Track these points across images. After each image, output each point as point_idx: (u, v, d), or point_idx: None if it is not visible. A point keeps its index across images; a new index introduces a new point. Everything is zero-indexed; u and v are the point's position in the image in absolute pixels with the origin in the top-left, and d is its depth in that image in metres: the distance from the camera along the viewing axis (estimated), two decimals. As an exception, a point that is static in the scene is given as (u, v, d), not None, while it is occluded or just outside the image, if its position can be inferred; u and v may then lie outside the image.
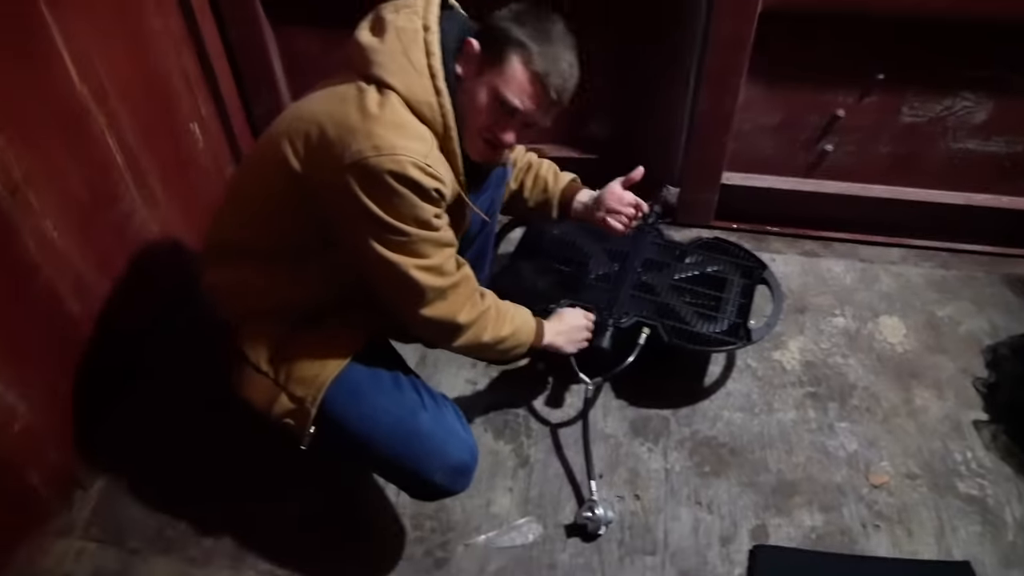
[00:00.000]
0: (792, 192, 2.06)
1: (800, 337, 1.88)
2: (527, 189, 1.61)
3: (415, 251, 1.16)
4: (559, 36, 1.17)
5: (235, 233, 1.31)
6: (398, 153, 1.07)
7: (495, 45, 1.16)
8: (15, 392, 1.39)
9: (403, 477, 1.32)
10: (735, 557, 1.46)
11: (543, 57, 1.15)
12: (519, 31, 1.15)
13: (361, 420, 1.26)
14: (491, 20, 1.19)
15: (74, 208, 1.53)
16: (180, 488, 1.58)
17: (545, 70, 1.15)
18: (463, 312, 1.27)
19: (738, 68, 1.79)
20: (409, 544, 1.49)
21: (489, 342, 1.33)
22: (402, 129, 1.10)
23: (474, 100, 1.18)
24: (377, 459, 1.30)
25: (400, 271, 1.16)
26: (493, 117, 1.19)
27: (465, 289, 1.27)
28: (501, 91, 1.16)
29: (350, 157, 1.08)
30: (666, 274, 1.75)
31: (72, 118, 1.52)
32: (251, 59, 2.02)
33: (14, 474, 1.43)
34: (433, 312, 1.23)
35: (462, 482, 1.31)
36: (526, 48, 1.14)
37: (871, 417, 1.70)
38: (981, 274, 2.04)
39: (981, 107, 1.85)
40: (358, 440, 1.27)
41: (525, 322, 1.42)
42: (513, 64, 1.15)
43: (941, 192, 2.01)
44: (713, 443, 1.65)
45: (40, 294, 1.46)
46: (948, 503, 1.54)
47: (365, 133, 1.08)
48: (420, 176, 1.09)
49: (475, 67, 1.18)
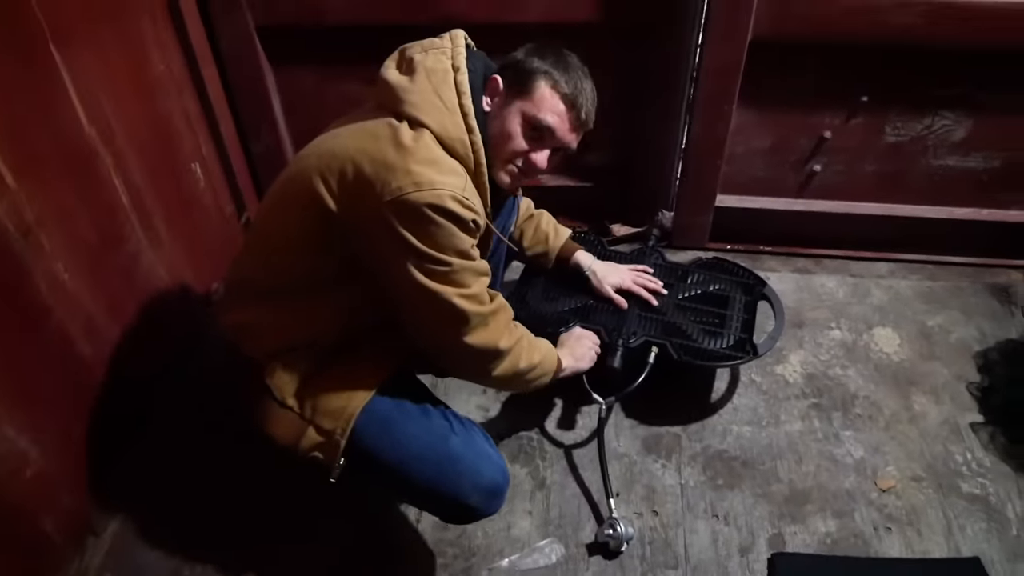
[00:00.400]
0: (784, 212, 2.13)
1: (800, 351, 1.93)
2: (527, 239, 1.70)
3: (457, 280, 1.18)
4: (578, 65, 1.25)
5: (259, 271, 1.32)
6: (437, 188, 1.11)
7: (522, 77, 1.23)
8: (27, 437, 1.37)
9: (438, 502, 1.32)
10: (755, 566, 1.49)
11: (569, 81, 1.23)
12: (543, 63, 1.22)
13: (393, 449, 1.27)
14: (511, 58, 1.26)
15: (83, 250, 1.53)
16: (194, 531, 1.57)
17: (573, 92, 1.23)
18: (504, 338, 1.29)
19: (730, 95, 1.87)
20: (434, 573, 1.49)
21: (524, 368, 1.35)
22: (438, 165, 1.14)
23: (505, 128, 1.24)
24: (411, 486, 1.30)
25: (444, 299, 1.18)
26: (526, 142, 1.25)
27: (504, 317, 1.31)
28: (533, 113, 1.23)
29: (390, 194, 1.10)
30: (670, 294, 1.79)
31: (81, 159, 1.53)
32: (251, 99, 2.05)
33: (27, 521, 1.41)
34: (476, 339, 1.24)
35: (496, 504, 1.32)
36: (552, 74, 1.22)
37: (874, 424, 1.75)
38: (966, 284, 2.12)
39: (959, 125, 1.94)
40: (390, 469, 1.28)
41: (549, 350, 1.45)
42: (542, 89, 1.22)
43: (925, 207, 2.10)
44: (725, 457, 1.69)
45: (52, 337, 1.45)
46: (953, 503, 1.59)
47: (404, 170, 1.11)
48: (459, 208, 1.12)
49: (502, 99, 1.25)
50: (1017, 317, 2.00)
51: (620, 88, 1.95)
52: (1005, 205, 2.09)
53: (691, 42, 1.85)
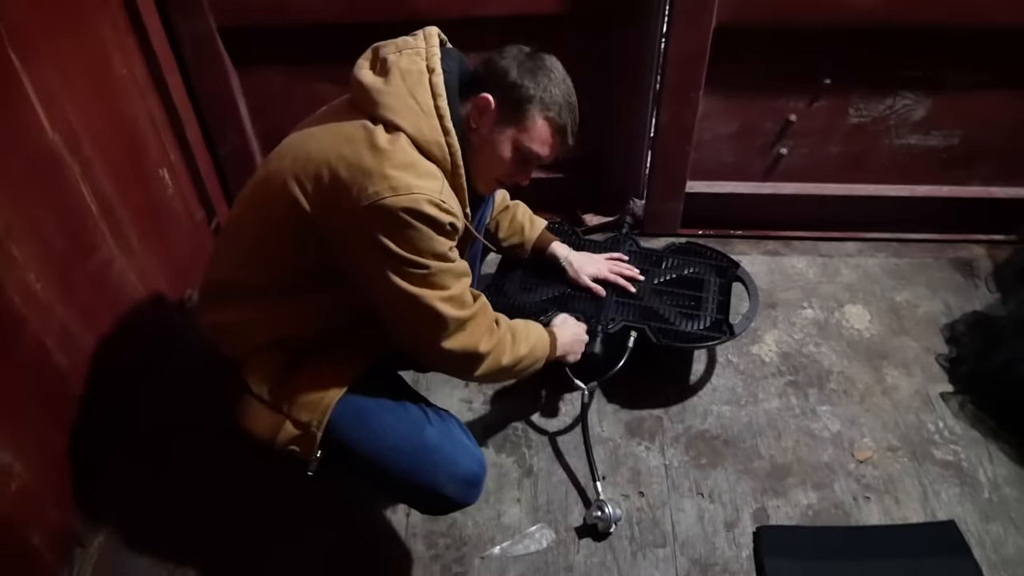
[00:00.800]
0: (752, 196, 2.17)
1: (774, 331, 1.97)
2: (503, 230, 1.71)
3: (436, 283, 1.18)
4: (563, 79, 1.25)
5: (235, 272, 1.31)
6: (414, 192, 1.11)
7: (515, 102, 1.22)
8: (9, 450, 1.35)
9: (414, 493, 1.33)
10: (741, 540, 1.52)
11: (562, 111, 1.24)
12: (535, 88, 1.22)
13: (368, 439, 1.27)
14: (502, 73, 1.23)
15: (54, 259, 1.50)
16: (181, 538, 1.56)
17: (564, 122, 1.25)
18: (483, 341, 1.29)
19: (696, 82, 1.89)
20: (426, 563, 1.50)
21: (509, 365, 1.35)
22: (415, 168, 1.14)
23: (495, 152, 1.25)
24: (387, 477, 1.30)
25: (423, 303, 1.18)
26: (515, 167, 1.28)
27: (484, 319, 1.30)
28: (527, 145, 1.25)
29: (367, 199, 1.10)
30: (646, 280, 1.82)
31: (46, 166, 1.50)
32: (216, 102, 2.02)
33: (15, 535, 1.38)
34: (455, 344, 1.24)
35: (473, 493, 1.33)
36: (547, 105, 1.23)
37: (848, 398, 1.80)
38: (931, 260, 2.18)
39: (919, 105, 1.99)
40: (366, 460, 1.28)
41: (540, 337, 1.45)
42: (537, 120, 1.24)
43: (888, 187, 2.15)
44: (706, 436, 1.72)
45: (28, 348, 1.43)
46: (928, 470, 1.64)
47: (380, 175, 1.11)
48: (436, 212, 1.12)
49: (491, 120, 1.24)
50: (981, 290, 2.07)
51: (587, 79, 1.93)
52: (964, 181, 2.15)
53: (656, 31, 1.87)
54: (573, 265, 1.75)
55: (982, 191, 2.15)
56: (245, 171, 2.14)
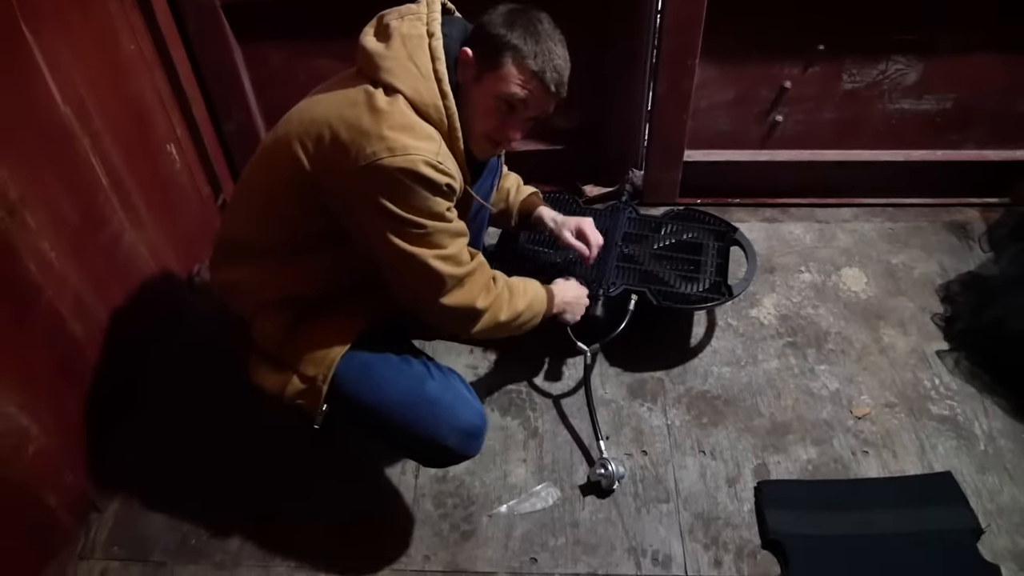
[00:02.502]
0: (749, 164, 2.19)
1: (772, 295, 2.01)
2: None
3: (433, 242, 1.22)
4: (548, 33, 1.24)
5: (244, 232, 1.35)
6: (411, 152, 1.14)
7: (491, 51, 1.23)
8: (27, 414, 1.39)
9: (416, 445, 1.36)
10: (743, 495, 1.56)
11: (537, 55, 1.22)
12: (511, 35, 1.22)
13: (372, 392, 1.32)
14: (483, 26, 1.25)
15: (67, 230, 1.54)
16: (197, 498, 1.60)
17: (541, 67, 1.22)
18: (480, 298, 1.33)
19: (692, 50, 1.92)
20: (435, 521, 1.54)
21: (507, 320, 1.39)
22: (412, 130, 1.16)
23: (478, 105, 1.26)
24: (390, 429, 1.34)
25: (420, 262, 1.21)
26: (499, 118, 1.27)
27: (481, 276, 1.34)
28: (502, 89, 1.23)
29: (365, 159, 1.13)
30: (646, 245, 1.86)
31: (58, 139, 1.53)
32: (220, 78, 2.05)
33: (33, 497, 1.43)
34: (453, 300, 1.29)
35: (474, 445, 1.36)
36: (520, 50, 1.21)
37: (846, 358, 1.83)
38: (926, 223, 2.21)
39: (912, 69, 2.02)
40: (370, 412, 1.32)
41: (537, 293, 1.49)
42: (509, 65, 1.22)
43: (883, 152, 2.18)
44: (707, 396, 1.76)
45: (44, 315, 1.46)
46: (924, 425, 1.68)
47: (378, 136, 1.14)
48: (432, 173, 1.16)
49: (473, 73, 1.25)
50: (975, 251, 2.10)
51: (584, 50, 1.97)
52: (957, 145, 2.17)
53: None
54: (556, 221, 1.72)
55: (975, 154, 2.17)
56: (249, 147, 2.15)
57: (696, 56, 1.93)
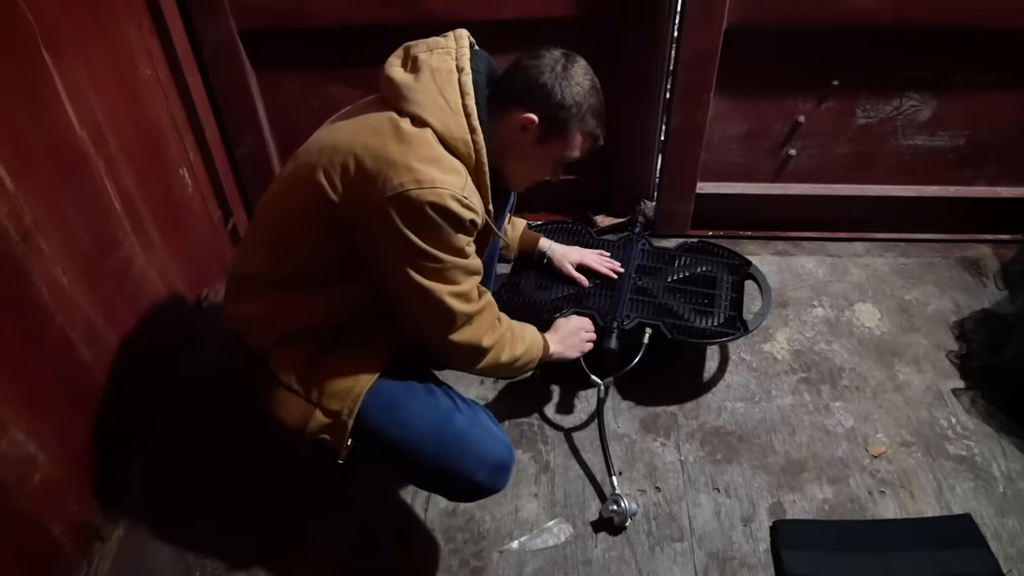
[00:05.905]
0: (762, 196, 2.19)
1: (786, 329, 1.99)
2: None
3: (448, 278, 1.21)
4: (592, 86, 1.29)
5: (264, 264, 1.34)
6: (438, 186, 1.13)
7: (559, 122, 1.28)
8: (35, 441, 1.37)
9: (444, 479, 1.34)
10: (758, 534, 1.53)
11: (599, 123, 1.32)
12: (575, 107, 1.26)
13: (399, 427, 1.29)
14: (538, 87, 1.26)
15: (79, 254, 1.53)
16: (203, 528, 1.57)
17: (600, 133, 1.33)
18: (487, 336, 1.33)
19: (707, 83, 1.92)
20: (444, 557, 1.51)
21: (507, 362, 1.40)
22: (439, 163, 1.16)
23: (534, 160, 1.34)
24: (418, 464, 1.31)
25: (434, 297, 1.21)
26: (553, 172, 1.39)
27: (489, 315, 1.34)
28: (567, 155, 1.33)
29: (392, 189, 1.13)
30: (660, 278, 1.84)
31: (73, 163, 1.53)
32: (234, 103, 2.06)
33: (37, 527, 1.40)
34: (461, 337, 1.28)
35: (502, 479, 1.34)
36: (587, 122, 1.30)
37: (861, 395, 1.81)
38: (939, 259, 2.20)
39: (926, 106, 2.02)
40: (397, 447, 1.29)
41: (535, 339, 1.50)
42: (576, 135, 1.31)
43: (896, 187, 2.18)
44: (721, 432, 1.73)
45: (54, 340, 1.45)
46: (941, 465, 1.65)
47: (406, 167, 1.13)
48: (458, 208, 1.15)
49: (534, 137, 1.29)
50: (989, 288, 2.09)
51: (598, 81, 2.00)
52: (970, 182, 2.18)
53: (667, 32, 1.91)
54: (556, 253, 1.80)
55: (988, 191, 2.18)
56: (262, 173, 2.19)
57: (711, 89, 1.94)
